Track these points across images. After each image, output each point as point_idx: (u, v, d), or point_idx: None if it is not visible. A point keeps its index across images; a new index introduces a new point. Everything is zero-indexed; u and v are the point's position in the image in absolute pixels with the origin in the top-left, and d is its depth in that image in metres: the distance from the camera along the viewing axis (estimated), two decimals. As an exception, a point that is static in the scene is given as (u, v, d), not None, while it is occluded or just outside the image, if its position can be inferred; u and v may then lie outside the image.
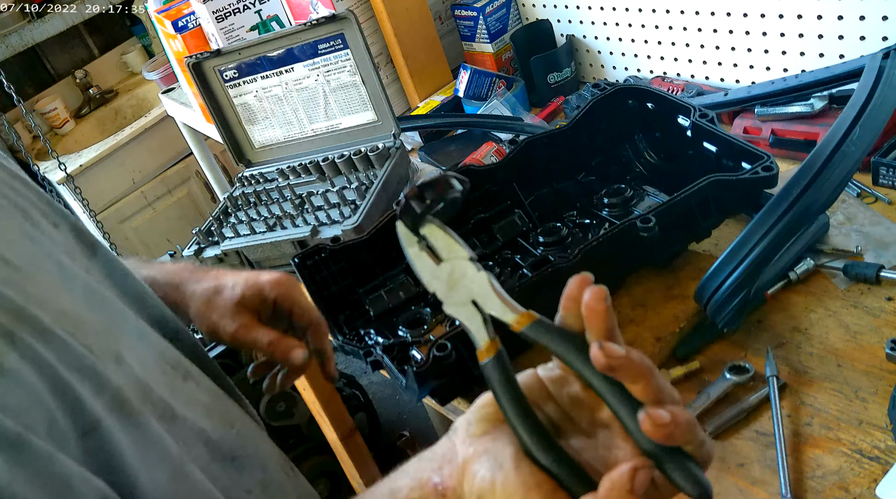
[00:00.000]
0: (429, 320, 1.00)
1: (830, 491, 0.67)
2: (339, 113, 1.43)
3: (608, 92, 1.11)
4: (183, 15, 1.64)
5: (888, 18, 1.05)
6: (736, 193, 0.89)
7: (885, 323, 0.80)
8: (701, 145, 1.00)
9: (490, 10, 1.58)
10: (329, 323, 0.99)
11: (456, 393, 0.91)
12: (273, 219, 1.31)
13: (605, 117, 1.12)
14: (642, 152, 1.14)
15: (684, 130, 1.02)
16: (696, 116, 0.98)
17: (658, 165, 1.12)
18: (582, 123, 1.11)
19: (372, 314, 1.04)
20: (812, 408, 0.75)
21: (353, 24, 1.29)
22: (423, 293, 1.04)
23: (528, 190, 1.12)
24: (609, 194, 1.07)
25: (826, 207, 0.85)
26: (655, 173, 1.12)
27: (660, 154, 1.12)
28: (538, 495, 0.44)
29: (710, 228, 0.94)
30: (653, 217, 0.86)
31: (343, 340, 0.99)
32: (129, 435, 0.50)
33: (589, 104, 1.11)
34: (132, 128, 2.61)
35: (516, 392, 0.47)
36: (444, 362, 0.81)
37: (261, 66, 1.42)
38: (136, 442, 0.51)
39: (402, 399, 2.51)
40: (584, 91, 1.35)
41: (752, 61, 1.27)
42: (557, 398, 0.49)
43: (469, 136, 1.48)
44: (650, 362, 0.44)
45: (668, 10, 1.34)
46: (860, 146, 0.85)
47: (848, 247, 0.90)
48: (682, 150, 1.05)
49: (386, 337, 1.00)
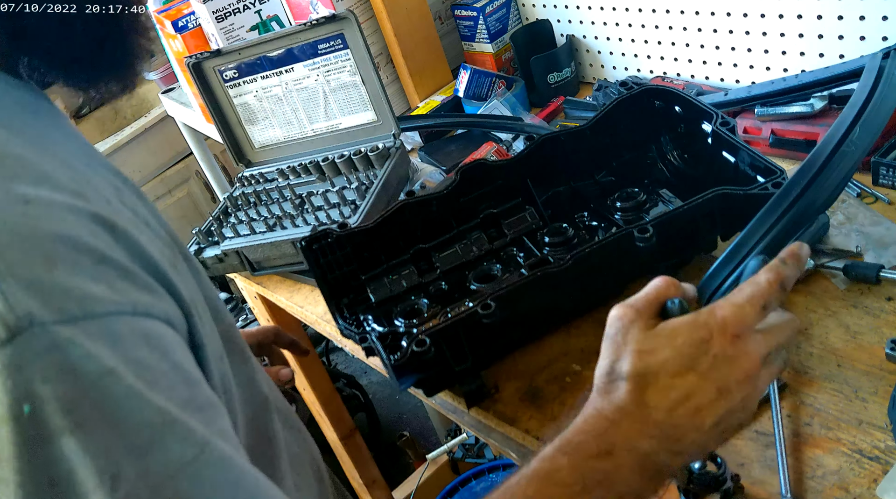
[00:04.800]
0: (425, 312, 1.00)
1: (830, 491, 0.67)
2: (339, 113, 1.43)
3: (634, 92, 1.09)
4: (183, 15, 1.64)
5: (888, 18, 1.05)
6: (744, 208, 0.85)
7: (885, 323, 0.80)
8: (720, 154, 0.99)
9: (490, 10, 1.58)
10: (331, 306, 1.03)
11: (441, 386, 0.91)
12: (273, 219, 1.31)
13: (629, 117, 1.10)
14: (667, 155, 1.12)
15: (707, 137, 1.00)
16: (718, 124, 0.97)
17: (682, 169, 1.10)
18: (604, 122, 1.09)
19: (373, 301, 1.04)
20: (812, 408, 0.75)
21: (353, 24, 1.29)
22: (425, 284, 1.05)
23: (544, 187, 1.11)
24: (622, 198, 1.05)
25: (826, 207, 0.84)
26: (678, 177, 1.10)
27: (684, 158, 1.10)
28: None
29: (715, 241, 0.93)
30: (651, 227, 0.84)
31: (343, 324, 0.99)
32: (245, 369, 0.62)
33: (613, 103, 1.09)
34: (132, 128, 2.61)
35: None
36: (423, 357, 0.81)
37: (261, 66, 1.42)
38: (248, 377, 0.62)
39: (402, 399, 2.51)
40: (612, 88, 1.34)
41: (752, 61, 1.27)
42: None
43: (469, 136, 1.48)
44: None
45: (668, 10, 1.34)
46: (860, 146, 0.85)
47: (848, 247, 0.90)
48: (704, 156, 1.03)
49: (383, 325, 1.00)
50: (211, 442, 0.43)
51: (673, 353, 0.53)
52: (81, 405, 0.38)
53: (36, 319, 0.38)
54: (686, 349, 0.53)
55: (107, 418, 0.39)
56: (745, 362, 0.54)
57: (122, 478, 0.39)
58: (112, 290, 0.42)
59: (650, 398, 0.53)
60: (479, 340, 0.86)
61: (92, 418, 0.39)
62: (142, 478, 0.39)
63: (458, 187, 1.06)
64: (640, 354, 0.54)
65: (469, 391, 0.88)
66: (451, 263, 1.06)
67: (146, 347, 0.42)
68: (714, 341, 0.53)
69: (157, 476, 0.40)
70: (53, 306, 0.39)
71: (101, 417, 0.39)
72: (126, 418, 0.40)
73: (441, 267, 1.05)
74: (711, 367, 0.53)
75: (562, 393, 0.83)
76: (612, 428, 0.53)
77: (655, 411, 0.53)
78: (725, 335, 0.53)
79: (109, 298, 0.41)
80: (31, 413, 0.37)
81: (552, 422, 0.79)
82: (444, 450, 2.00)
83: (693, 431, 0.53)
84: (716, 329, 0.54)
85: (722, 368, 0.53)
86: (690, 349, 0.53)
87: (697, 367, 0.53)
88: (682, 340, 0.54)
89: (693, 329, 0.54)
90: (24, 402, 0.37)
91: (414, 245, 1.06)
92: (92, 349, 0.39)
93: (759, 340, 0.55)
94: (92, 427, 0.38)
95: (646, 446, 0.53)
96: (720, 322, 0.54)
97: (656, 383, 0.53)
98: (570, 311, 0.94)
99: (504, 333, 0.90)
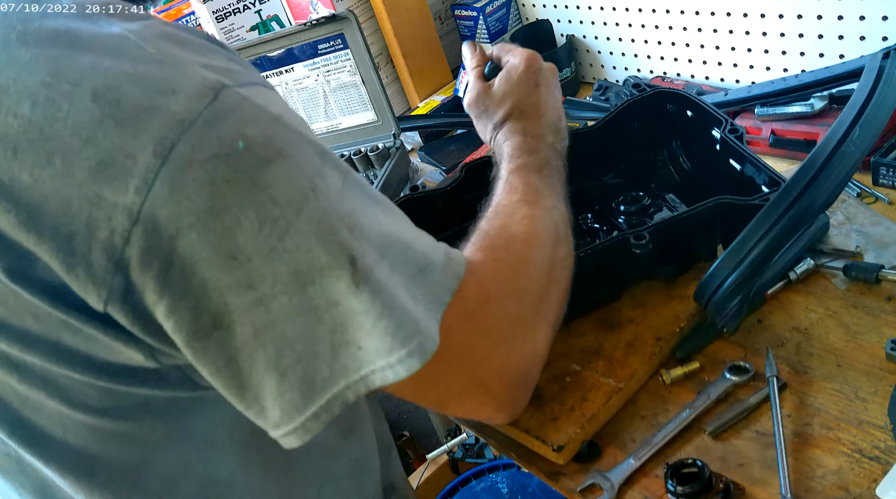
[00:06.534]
0: None
1: (830, 491, 0.67)
2: (339, 113, 1.43)
3: (646, 94, 1.09)
4: (183, 15, 1.64)
5: (888, 18, 1.05)
6: (744, 217, 0.84)
7: (885, 323, 0.80)
8: (727, 161, 0.98)
9: (490, 10, 1.58)
10: None
11: None
12: (273, 219, 1.31)
13: (639, 119, 1.09)
14: (678, 159, 1.11)
15: (716, 143, 1.00)
16: (726, 131, 0.96)
17: (690, 174, 1.09)
18: (613, 124, 1.08)
19: None
20: (812, 408, 0.75)
21: (353, 24, 1.29)
22: None
23: None
24: (626, 201, 1.04)
25: (826, 207, 0.84)
26: (687, 182, 1.09)
27: (693, 163, 1.09)
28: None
29: (715, 249, 0.92)
30: (647, 234, 0.84)
31: None
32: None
33: (623, 105, 1.08)
34: (132, 128, 2.60)
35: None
36: None
37: (261, 66, 1.42)
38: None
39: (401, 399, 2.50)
40: (621, 90, 1.33)
41: (752, 61, 1.27)
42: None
43: (469, 136, 1.48)
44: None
45: (668, 10, 1.34)
46: (860, 146, 0.85)
47: (848, 247, 0.90)
48: (713, 162, 1.03)
49: None
50: (350, 171, 0.58)
51: (512, 86, 0.89)
52: (276, 138, 0.51)
53: (225, 83, 0.50)
54: (519, 77, 0.89)
55: (294, 145, 0.52)
56: (539, 61, 0.91)
57: (319, 188, 0.52)
58: (246, 69, 0.55)
59: (525, 112, 0.88)
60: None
61: (285, 146, 0.51)
62: (330, 184, 0.53)
63: (462, 184, 1.06)
64: (502, 101, 0.89)
65: None
66: (451, 261, 1.05)
67: (283, 103, 0.56)
68: (529, 63, 0.90)
69: (340, 179, 0.55)
70: (228, 77, 0.51)
71: (290, 145, 0.52)
72: (306, 144, 0.53)
73: (441, 266, 1.05)
74: (538, 74, 0.90)
75: (562, 393, 0.83)
76: (526, 142, 0.85)
77: (529, 113, 0.88)
78: (532, 57, 0.90)
79: (250, 75, 0.55)
80: (245, 148, 0.49)
81: (552, 422, 0.79)
82: (444, 450, 2.00)
83: (551, 99, 0.90)
84: (526, 57, 0.90)
85: (546, 73, 0.91)
86: (522, 75, 0.89)
87: (533, 80, 0.89)
88: (517, 77, 0.89)
89: (514, 69, 0.89)
90: (238, 139, 0.49)
91: (416, 241, 1.06)
92: (263, 102, 0.52)
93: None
94: (287, 153, 0.51)
95: (539, 129, 0.87)
96: (523, 52, 0.91)
97: (520, 103, 0.88)
98: (568, 313, 0.94)
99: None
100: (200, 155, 0.47)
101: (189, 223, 0.47)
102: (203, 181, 0.47)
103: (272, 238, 0.49)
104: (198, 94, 0.48)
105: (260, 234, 0.48)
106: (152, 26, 0.53)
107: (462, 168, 1.07)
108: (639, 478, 0.74)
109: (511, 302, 0.68)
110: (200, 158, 0.47)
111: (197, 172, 0.47)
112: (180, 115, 0.47)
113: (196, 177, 0.47)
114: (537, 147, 0.84)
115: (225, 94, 0.49)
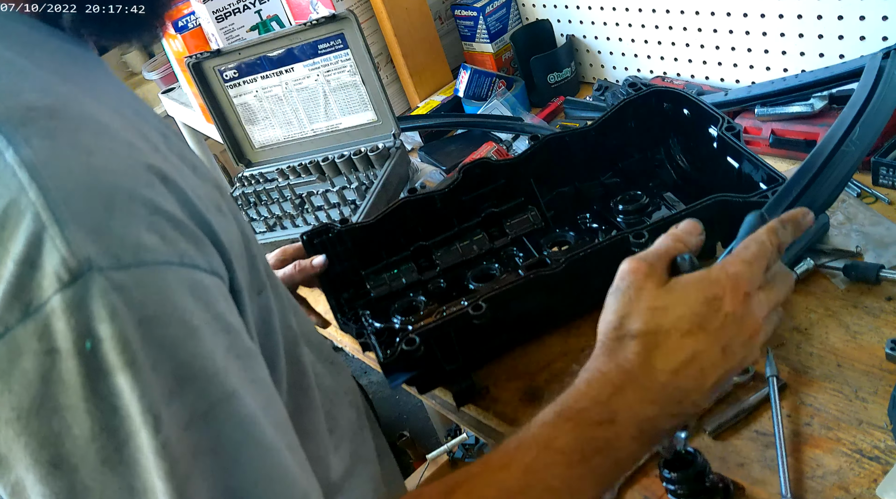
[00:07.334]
0: (422, 310, 1.00)
1: (830, 491, 0.67)
2: (339, 113, 1.43)
3: (642, 93, 1.08)
4: (183, 15, 1.64)
5: (888, 18, 1.05)
6: (743, 215, 0.84)
7: (885, 323, 0.80)
8: (725, 159, 0.98)
9: (490, 10, 1.58)
10: (331, 301, 1.03)
11: (433, 384, 0.91)
12: (273, 219, 1.31)
13: (636, 119, 1.09)
14: (675, 158, 1.11)
15: (713, 141, 1.00)
16: (723, 129, 0.96)
17: (688, 172, 1.09)
18: (610, 123, 1.08)
19: (373, 296, 1.05)
20: (812, 408, 0.75)
21: (353, 24, 1.29)
22: (424, 281, 1.05)
23: (548, 187, 1.10)
24: (624, 201, 1.04)
25: (826, 207, 0.84)
26: (684, 181, 1.09)
27: (691, 162, 1.09)
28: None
29: (714, 247, 0.92)
30: (646, 232, 0.84)
31: (341, 319, 1.00)
32: (276, 304, 0.62)
33: (620, 104, 1.08)
34: (132, 128, 2.61)
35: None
36: (413, 356, 0.81)
37: (261, 66, 1.42)
38: (280, 311, 0.62)
39: (402, 399, 2.50)
40: (618, 89, 1.33)
41: (752, 61, 1.27)
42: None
43: (469, 136, 1.48)
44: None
45: (668, 10, 1.34)
46: (860, 146, 0.85)
47: (848, 247, 0.90)
48: (710, 160, 1.02)
49: (381, 321, 1.00)
50: (238, 392, 0.45)
51: (685, 310, 0.52)
52: (131, 346, 0.41)
53: (94, 264, 0.41)
54: (699, 307, 0.52)
55: (151, 360, 0.42)
56: (750, 322, 0.53)
57: (162, 420, 0.42)
58: (163, 240, 0.45)
59: (657, 361, 0.52)
60: (471, 339, 0.86)
61: (139, 358, 0.42)
62: (174, 419, 0.42)
63: (461, 185, 1.06)
64: (653, 311, 0.53)
65: (459, 391, 0.89)
66: (451, 260, 1.06)
67: (191, 296, 0.45)
68: (726, 299, 0.53)
69: (189, 417, 0.43)
70: (110, 253, 0.42)
71: (147, 358, 0.42)
72: (166, 360, 0.43)
73: (441, 265, 1.06)
74: (721, 326, 0.52)
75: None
76: (615, 395, 0.52)
77: (661, 373, 0.52)
78: (738, 293, 0.53)
79: (160, 249, 0.44)
80: (92, 349, 0.41)
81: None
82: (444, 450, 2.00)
83: (695, 392, 0.53)
84: (728, 287, 0.53)
85: (730, 327, 0.53)
86: (703, 307, 0.52)
87: (708, 326, 0.52)
88: (695, 297, 0.53)
89: (706, 286, 0.53)
90: (86, 338, 0.41)
91: (415, 242, 1.07)
92: (141, 296, 0.42)
93: (763, 300, 0.54)
94: (140, 367, 0.41)
95: (648, 411, 0.52)
96: (733, 280, 0.53)
97: (666, 342, 0.52)
98: (566, 313, 0.94)
99: (498, 334, 0.90)
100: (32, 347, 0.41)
101: (6, 418, 0.42)
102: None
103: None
104: (54, 273, 0.41)
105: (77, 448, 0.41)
106: (61, 157, 0.44)
107: (460, 169, 1.07)
108: (639, 478, 0.74)
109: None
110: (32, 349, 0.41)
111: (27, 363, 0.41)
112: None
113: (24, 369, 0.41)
114: (624, 417, 0.53)
115: (87, 280, 0.41)
